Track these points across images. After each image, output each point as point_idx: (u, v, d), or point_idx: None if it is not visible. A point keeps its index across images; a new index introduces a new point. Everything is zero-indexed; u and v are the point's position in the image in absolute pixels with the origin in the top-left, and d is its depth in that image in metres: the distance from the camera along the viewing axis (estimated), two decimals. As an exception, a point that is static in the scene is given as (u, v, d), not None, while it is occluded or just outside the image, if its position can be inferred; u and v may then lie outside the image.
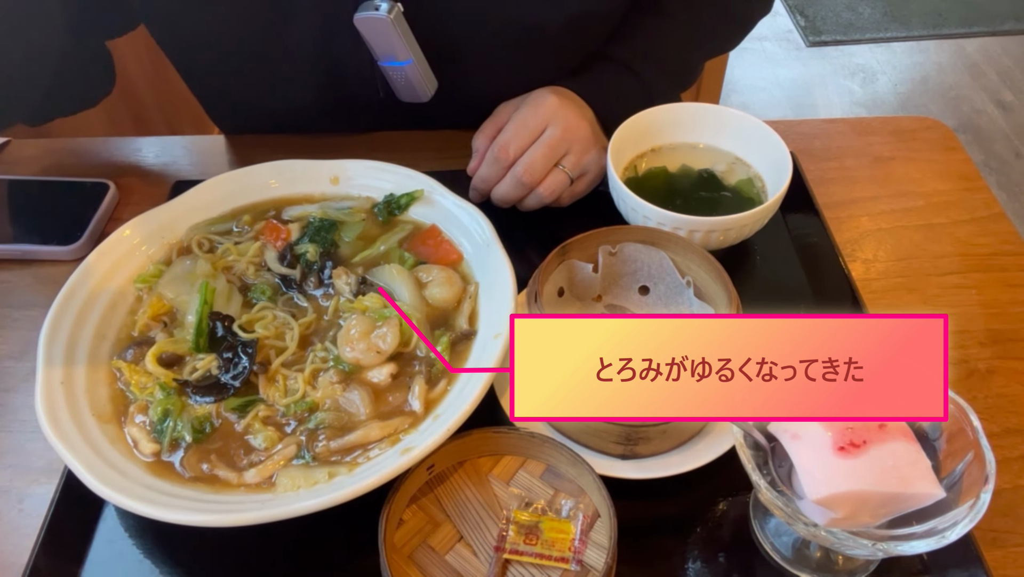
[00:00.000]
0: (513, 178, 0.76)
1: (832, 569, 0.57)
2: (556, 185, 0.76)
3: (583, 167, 0.77)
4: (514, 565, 0.54)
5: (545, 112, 0.76)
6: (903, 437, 0.51)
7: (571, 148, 0.76)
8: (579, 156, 0.77)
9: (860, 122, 0.94)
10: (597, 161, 0.78)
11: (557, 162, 0.76)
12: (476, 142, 0.80)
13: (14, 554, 0.58)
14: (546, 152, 0.75)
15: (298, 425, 0.61)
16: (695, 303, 0.66)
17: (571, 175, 0.77)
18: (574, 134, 0.76)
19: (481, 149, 0.79)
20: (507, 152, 0.75)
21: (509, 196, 0.77)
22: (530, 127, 0.76)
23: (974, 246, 0.80)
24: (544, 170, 0.75)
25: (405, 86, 0.79)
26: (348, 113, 0.87)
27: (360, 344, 0.64)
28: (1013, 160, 2.34)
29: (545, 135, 0.76)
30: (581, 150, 0.77)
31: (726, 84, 2.15)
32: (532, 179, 0.75)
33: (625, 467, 0.60)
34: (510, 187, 0.76)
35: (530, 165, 0.75)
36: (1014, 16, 2.81)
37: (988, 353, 0.71)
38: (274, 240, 0.74)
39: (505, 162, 0.76)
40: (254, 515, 0.53)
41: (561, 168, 0.76)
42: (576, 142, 0.76)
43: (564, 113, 0.77)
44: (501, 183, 0.77)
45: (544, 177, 0.76)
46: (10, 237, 0.79)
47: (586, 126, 0.77)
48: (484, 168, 0.78)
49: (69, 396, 0.61)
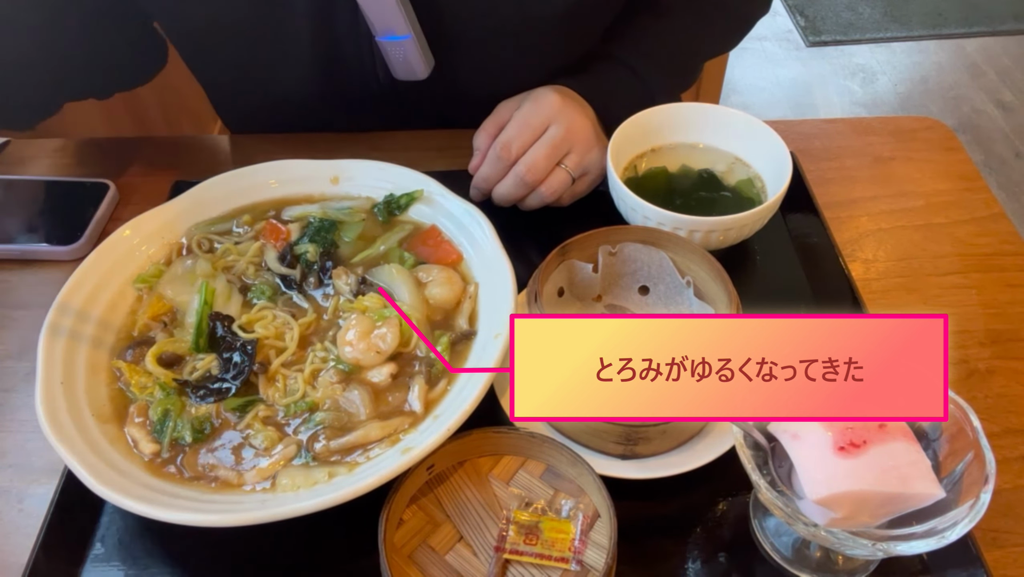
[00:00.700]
0: (515, 177, 0.76)
1: (832, 569, 0.57)
2: (558, 184, 0.76)
3: (585, 167, 0.77)
4: (514, 565, 0.54)
5: (547, 111, 0.76)
6: (903, 437, 0.51)
7: (573, 147, 0.76)
8: (581, 155, 0.77)
9: (860, 122, 0.94)
10: (598, 161, 0.78)
11: (559, 161, 0.76)
12: (477, 140, 0.80)
13: (14, 554, 0.58)
14: (548, 151, 0.75)
15: (298, 425, 0.62)
16: (695, 303, 0.66)
17: (573, 174, 0.77)
18: (576, 133, 0.76)
19: (483, 148, 0.79)
20: (509, 151, 0.75)
21: (511, 195, 0.77)
22: (532, 126, 0.76)
23: (974, 246, 0.80)
24: (546, 169, 0.75)
25: (403, 63, 0.79)
26: (346, 100, 0.87)
27: (360, 344, 0.64)
28: (1013, 160, 2.34)
29: (547, 134, 0.76)
30: (583, 150, 0.77)
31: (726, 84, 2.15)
32: (534, 178, 0.75)
33: (625, 467, 0.60)
34: (512, 186, 0.76)
35: (532, 164, 0.75)
36: (1014, 16, 2.81)
37: (988, 353, 0.71)
38: (274, 240, 0.74)
39: (507, 161, 0.76)
40: (254, 515, 0.53)
41: (563, 167, 0.76)
42: (578, 141, 0.76)
43: (566, 112, 0.77)
44: (503, 182, 0.77)
45: (546, 176, 0.76)
46: (10, 237, 0.79)
47: (588, 125, 0.77)
48: (486, 167, 0.78)
49: (69, 396, 0.61)
